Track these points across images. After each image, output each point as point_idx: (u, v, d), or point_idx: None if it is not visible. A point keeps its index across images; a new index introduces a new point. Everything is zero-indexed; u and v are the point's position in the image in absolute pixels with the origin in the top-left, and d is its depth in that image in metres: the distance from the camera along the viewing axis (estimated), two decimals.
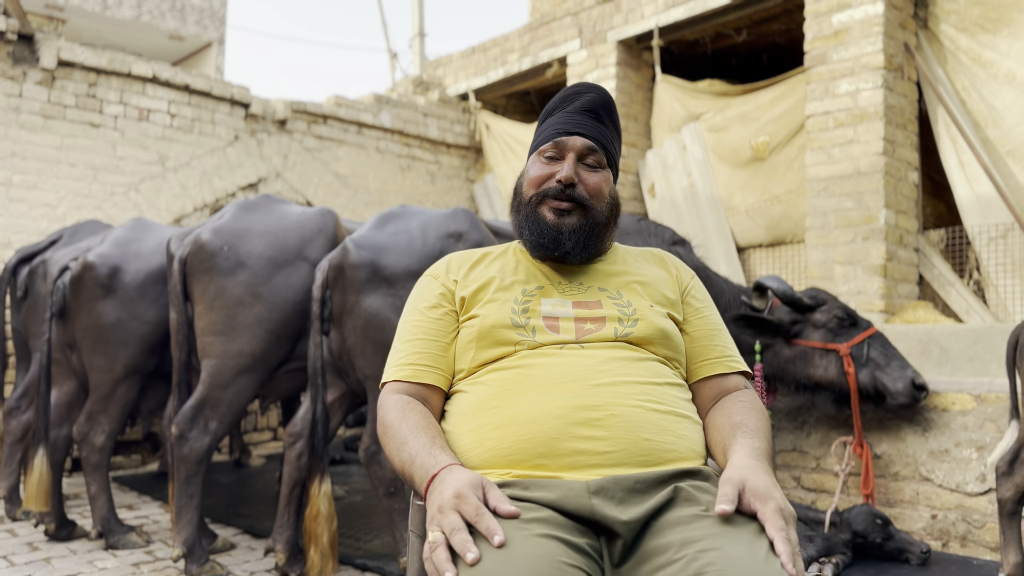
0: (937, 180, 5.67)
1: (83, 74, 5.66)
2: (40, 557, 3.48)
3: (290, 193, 6.67)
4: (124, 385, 3.61)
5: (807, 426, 4.00)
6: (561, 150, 1.51)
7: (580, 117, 1.53)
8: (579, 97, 1.55)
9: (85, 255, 3.60)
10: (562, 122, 1.53)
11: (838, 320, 3.59)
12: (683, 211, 6.27)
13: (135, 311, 3.57)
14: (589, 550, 1.18)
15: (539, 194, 1.51)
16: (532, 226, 1.51)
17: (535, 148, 1.56)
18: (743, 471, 1.23)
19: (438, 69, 8.41)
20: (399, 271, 3.00)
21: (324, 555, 2.99)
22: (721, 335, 1.56)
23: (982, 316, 4.74)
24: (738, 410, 1.42)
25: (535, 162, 1.54)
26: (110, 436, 3.65)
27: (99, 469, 3.65)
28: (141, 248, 3.67)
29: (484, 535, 1.11)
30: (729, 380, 1.51)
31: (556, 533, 1.15)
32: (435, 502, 1.17)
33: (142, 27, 14.30)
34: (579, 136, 1.51)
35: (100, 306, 3.54)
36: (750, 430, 1.35)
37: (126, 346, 3.56)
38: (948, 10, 4.99)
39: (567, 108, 1.55)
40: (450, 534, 1.11)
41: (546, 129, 1.55)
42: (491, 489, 1.19)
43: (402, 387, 1.45)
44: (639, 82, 6.72)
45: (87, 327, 3.57)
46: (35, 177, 5.42)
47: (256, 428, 6.27)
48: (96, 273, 3.54)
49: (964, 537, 3.44)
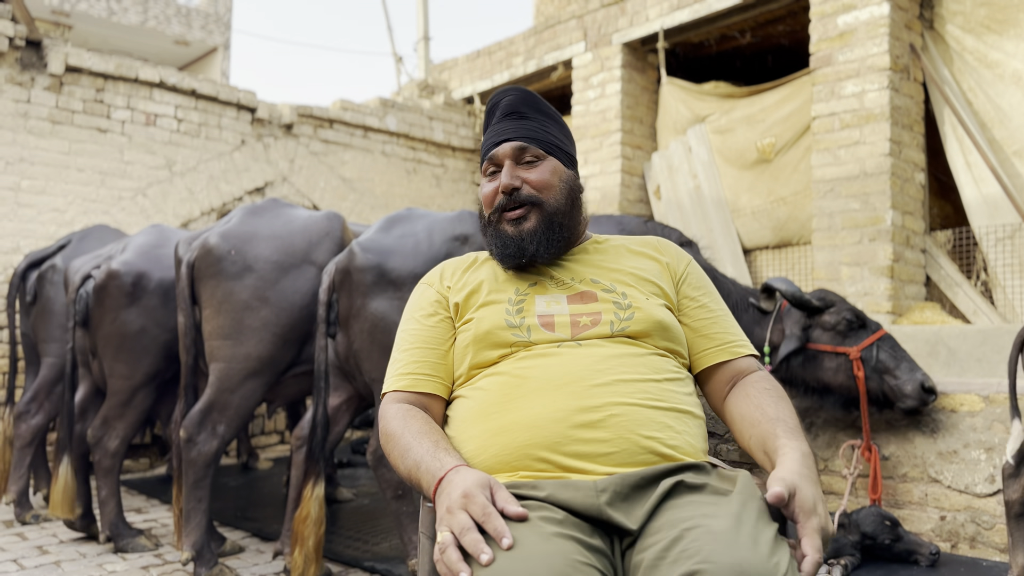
0: (944, 181, 5.66)
1: (90, 79, 5.68)
2: (50, 561, 3.49)
3: (296, 197, 6.69)
4: (143, 392, 3.62)
5: (815, 428, 3.99)
6: (496, 162, 1.55)
7: (503, 124, 1.56)
8: (498, 107, 1.59)
9: (109, 263, 3.60)
10: (490, 136, 1.57)
11: (847, 322, 3.57)
12: (689, 213, 6.26)
13: (158, 319, 3.57)
14: (604, 548, 1.18)
15: (494, 211, 1.53)
16: (496, 242, 1.53)
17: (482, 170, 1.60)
18: (795, 477, 1.19)
19: (443, 73, 8.43)
20: (405, 274, 3.01)
21: (308, 558, 3.00)
22: (723, 320, 1.54)
23: (990, 317, 4.72)
24: (768, 401, 1.38)
25: (483, 183, 1.58)
26: (124, 441, 3.66)
27: (111, 474, 3.67)
28: (163, 255, 3.67)
29: (492, 536, 1.11)
30: (741, 364, 1.49)
31: (570, 532, 1.15)
32: (443, 503, 1.17)
33: (148, 32, 14.38)
34: (505, 143, 1.53)
35: (125, 314, 3.54)
36: (790, 429, 1.32)
37: (148, 354, 3.57)
38: (954, 11, 4.99)
39: (492, 121, 1.59)
40: (460, 534, 1.11)
41: (483, 148, 1.59)
42: (499, 490, 1.19)
43: (402, 397, 1.46)
44: (644, 84, 6.72)
45: (110, 335, 3.57)
46: (43, 182, 5.45)
47: (264, 431, 6.28)
48: (121, 281, 3.54)
49: (973, 538, 3.42)
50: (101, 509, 3.67)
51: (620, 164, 6.46)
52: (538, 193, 1.51)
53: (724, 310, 1.57)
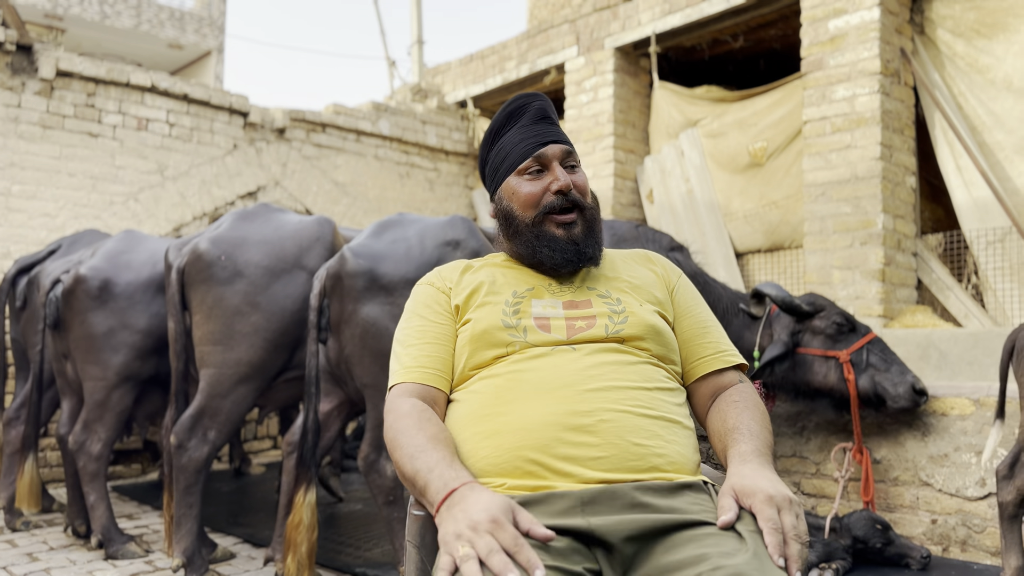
0: (935, 184, 5.67)
1: (82, 84, 5.67)
2: (40, 568, 3.47)
3: (289, 201, 6.68)
4: (119, 392, 3.65)
5: (806, 431, 4.00)
6: (544, 162, 1.51)
7: (540, 126, 1.53)
8: (527, 108, 1.55)
9: (77, 268, 3.69)
10: (527, 136, 1.52)
11: (837, 326, 3.59)
12: (681, 217, 6.27)
13: (126, 321, 3.64)
14: (586, 574, 1.17)
15: (541, 212, 1.50)
16: (549, 244, 1.49)
17: (508, 168, 1.53)
18: (732, 479, 1.25)
19: (436, 77, 8.43)
20: (397, 279, 3.00)
21: (301, 565, 2.99)
22: (713, 331, 1.55)
23: (980, 320, 4.74)
24: (732, 413, 1.42)
25: (520, 182, 1.52)
26: (107, 444, 3.67)
27: (97, 478, 3.66)
28: (131, 260, 3.76)
29: (524, 567, 1.07)
30: (724, 377, 1.50)
31: (552, 563, 1.13)
32: (461, 519, 1.13)
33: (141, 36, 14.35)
34: (553, 143, 1.51)
35: (92, 316, 3.61)
36: (742, 433, 1.36)
37: (118, 354, 3.62)
38: (944, 15, 5.01)
39: (519, 122, 1.54)
40: (487, 555, 1.07)
41: (509, 148, 1.53)
42: (520, 512, 1.16)
43: (412, 389, 1.42)
44: (637, 89, 6.74)
45: (79, 337, 3.64)
46: (34, 187, 5.43)
47: (256, 437, 6.26)
48: (88, 285, 3.62)
49: (964, 542, 3.43)
50: (91, 514, 3.66)
51: (613, 168, 6.47)
52: (583, 198, 1.51)
53: (714, 321, 1.58)
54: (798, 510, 1.18)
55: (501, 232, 1.59)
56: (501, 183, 1.55)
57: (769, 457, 1.31)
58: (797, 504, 1.18)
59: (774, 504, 1.17)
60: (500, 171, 1.55)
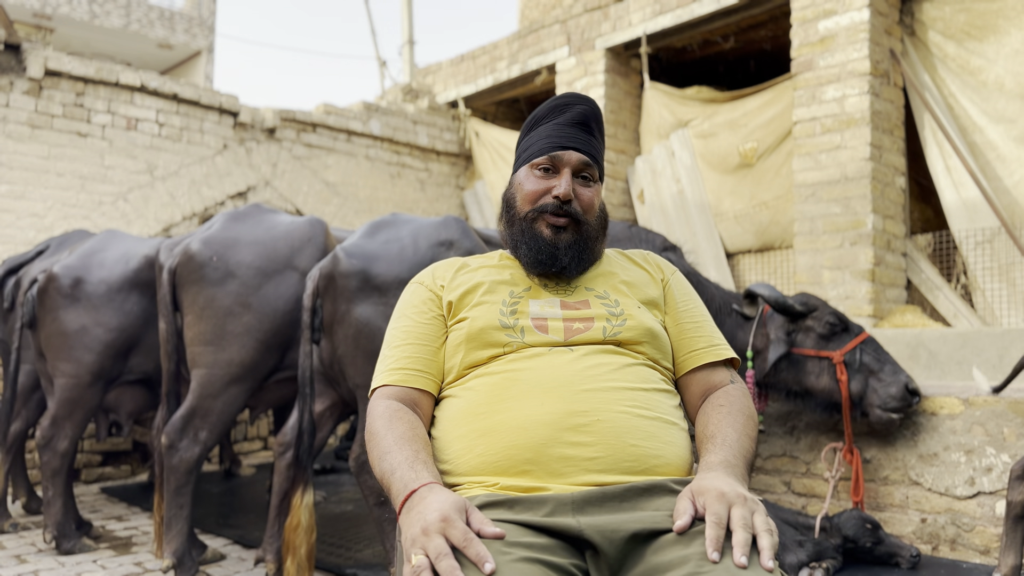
0: (924, 185, 5.71)
1: (71, 83, 5.64)
2: (28, 570, 3.45)
3: (280, 201, 6.66)
4: (90, 391, 3.65)
5: (797, 431, 4.01)
6: (556, 164, 1.51)
7: (572, 130, 1.52)
8: (570, 108, 1.54)
9: (51, 267, 3.71)
10: (555, 134, 1.52)
11: (830, 326, 3.59)
12: (672, 217, 6.29)
13: (99, 319, 3.64)
14: (574, 570, 1.17)
15: (536, 209, 1.50)
16: (529, 242, 1.50)
17: (527, 158, 1.54)
18: (692, 484, 1.23)
19: (427, 77, 8.42)
20: (390, 280, 3.00)
21: (300, 566, 2.98)
22: (706, 325, 1.56)
23: (969, 320, 4.77)
24: (714, 418, 1.41)
25: (529, 175, 1.53)
26: (73, 442, 3.69)
27: (59, 474, 3.68)
28: (104, 258, 3.76)
29: (474, 562, 1.09)
30: (715, 375, 1.50)
31: (539, 556, 1.14)
32: (416, 522, 1.15)
33: (131, 36, 14.28)
34: (574, 151, 1.50)
35: (63, 314, 3.62)
36: (716, 443, 1.35)
37: (90, 351, 3.62)
38: (934, 17, 5.04)
39: (558, 119, 1.54)
40: (436, 559, 1.09)
41: (536, 139, 1.54)
42: (473, 512, 1.17)
43: (392, 392, 1.44)
44: (627, 89, 6.75)
45: (51, 334, 3.65)
46: (22, 187, 5.40)
47: (247, 437, 6.24)
48: (59, 283, 3.63)
49: (954, 541, 3.45)
50: (46, 510, 3.67)
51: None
52: (584, 213, 1.51)
53: (707, 316, 1.59)
54: (754, 507, 1.16)
55: (501, 215, 1.61)
56: (518, 169, 1.58)
57: (740, 467, 1.30)
58: (753, 501, 1.17)
59: (725, 500, 1.15)
60: (521, 158, 1.57)
